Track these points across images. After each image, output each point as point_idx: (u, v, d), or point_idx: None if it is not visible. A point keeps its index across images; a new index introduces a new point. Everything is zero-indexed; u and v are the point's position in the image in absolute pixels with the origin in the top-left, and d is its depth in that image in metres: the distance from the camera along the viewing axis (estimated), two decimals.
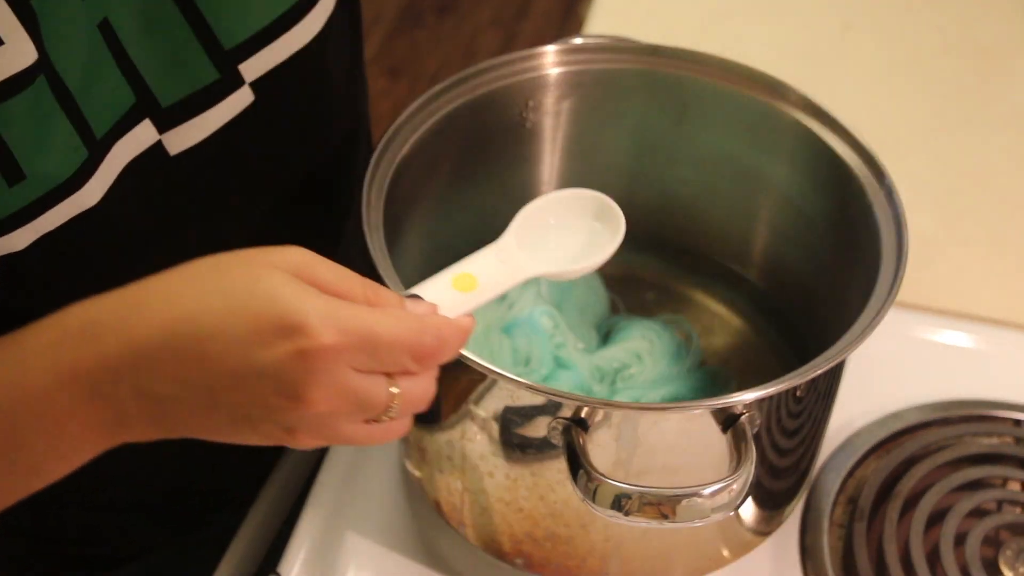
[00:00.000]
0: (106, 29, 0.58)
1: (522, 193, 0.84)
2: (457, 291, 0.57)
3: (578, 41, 0.78)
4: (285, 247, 0.51)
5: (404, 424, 0.53)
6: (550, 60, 0.76)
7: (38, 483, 0.55)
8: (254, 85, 0.64)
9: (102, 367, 0.50)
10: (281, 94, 0.66)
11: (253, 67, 0.63)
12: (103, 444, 0.53)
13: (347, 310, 0.49)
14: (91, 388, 0.50)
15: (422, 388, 0.52)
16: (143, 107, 0.60)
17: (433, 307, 0.55)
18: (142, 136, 0.61)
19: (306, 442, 0.51)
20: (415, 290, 0.56)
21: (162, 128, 0.62)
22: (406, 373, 0.51)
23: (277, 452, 0.85)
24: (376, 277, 0.63)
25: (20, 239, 0.57)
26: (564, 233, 0.64)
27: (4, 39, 0.52)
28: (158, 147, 0.62)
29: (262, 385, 0.49)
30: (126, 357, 0.50)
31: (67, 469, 0.54)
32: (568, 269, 0.63)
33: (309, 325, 0.48)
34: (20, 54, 0.53)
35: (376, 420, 0.52)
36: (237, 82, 0.63)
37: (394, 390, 0.51)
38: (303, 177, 0.73)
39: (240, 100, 0.64)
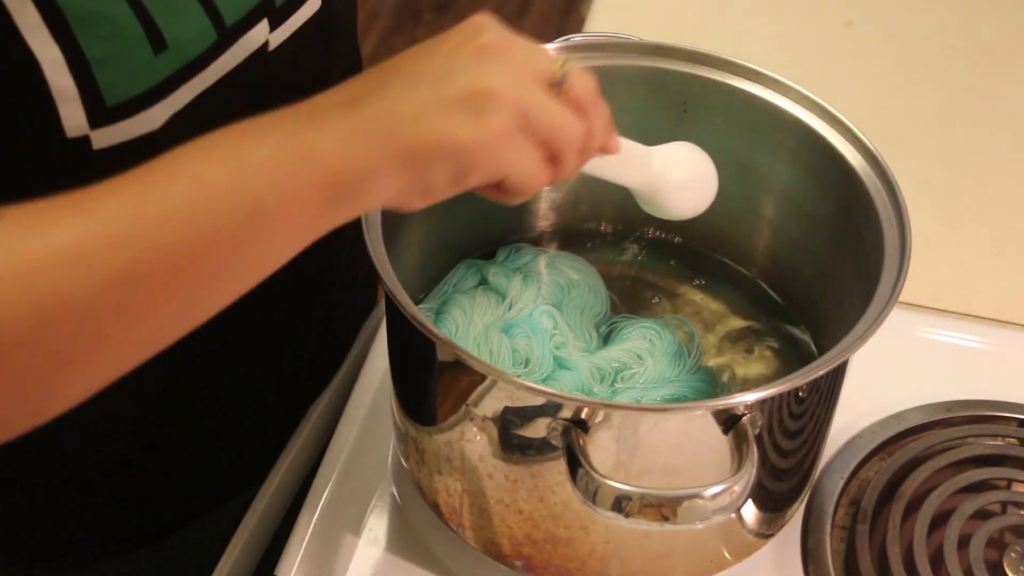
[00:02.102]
0: None
1: None
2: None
3: (579, 39, 0.78)
4: None
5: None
6: None
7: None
8: None
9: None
10: (335, 8, 0.71)
11: None
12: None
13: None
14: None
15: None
16: (262, 7, 0.64)
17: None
18: (257, 35, 0.64)
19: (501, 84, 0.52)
20: None
21: (273, 26, 0.65)
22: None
23: (263, 458, 0.85)
24: (377, 277, 0.63)
25: (158, 116, 0.60)
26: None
27: None
28: (265, 46, 0.66)
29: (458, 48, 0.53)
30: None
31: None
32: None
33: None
34: None
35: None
36: None
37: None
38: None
39: (311, 6, 0.68)
